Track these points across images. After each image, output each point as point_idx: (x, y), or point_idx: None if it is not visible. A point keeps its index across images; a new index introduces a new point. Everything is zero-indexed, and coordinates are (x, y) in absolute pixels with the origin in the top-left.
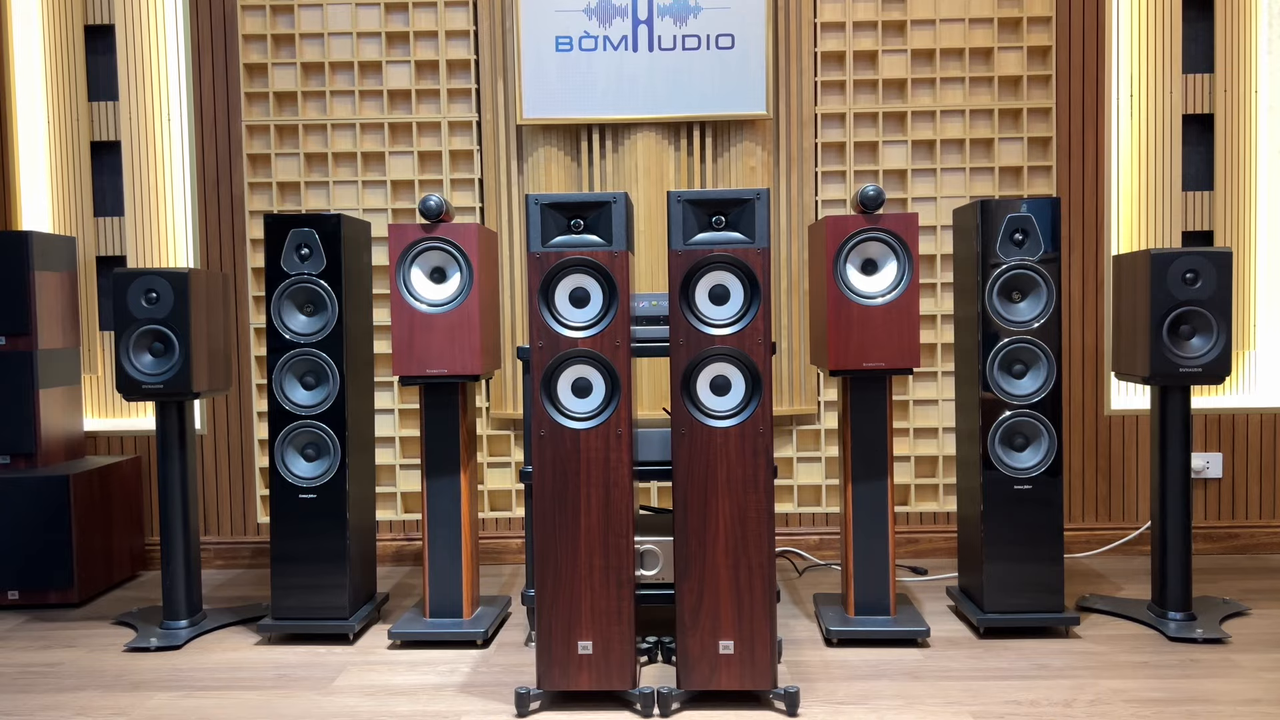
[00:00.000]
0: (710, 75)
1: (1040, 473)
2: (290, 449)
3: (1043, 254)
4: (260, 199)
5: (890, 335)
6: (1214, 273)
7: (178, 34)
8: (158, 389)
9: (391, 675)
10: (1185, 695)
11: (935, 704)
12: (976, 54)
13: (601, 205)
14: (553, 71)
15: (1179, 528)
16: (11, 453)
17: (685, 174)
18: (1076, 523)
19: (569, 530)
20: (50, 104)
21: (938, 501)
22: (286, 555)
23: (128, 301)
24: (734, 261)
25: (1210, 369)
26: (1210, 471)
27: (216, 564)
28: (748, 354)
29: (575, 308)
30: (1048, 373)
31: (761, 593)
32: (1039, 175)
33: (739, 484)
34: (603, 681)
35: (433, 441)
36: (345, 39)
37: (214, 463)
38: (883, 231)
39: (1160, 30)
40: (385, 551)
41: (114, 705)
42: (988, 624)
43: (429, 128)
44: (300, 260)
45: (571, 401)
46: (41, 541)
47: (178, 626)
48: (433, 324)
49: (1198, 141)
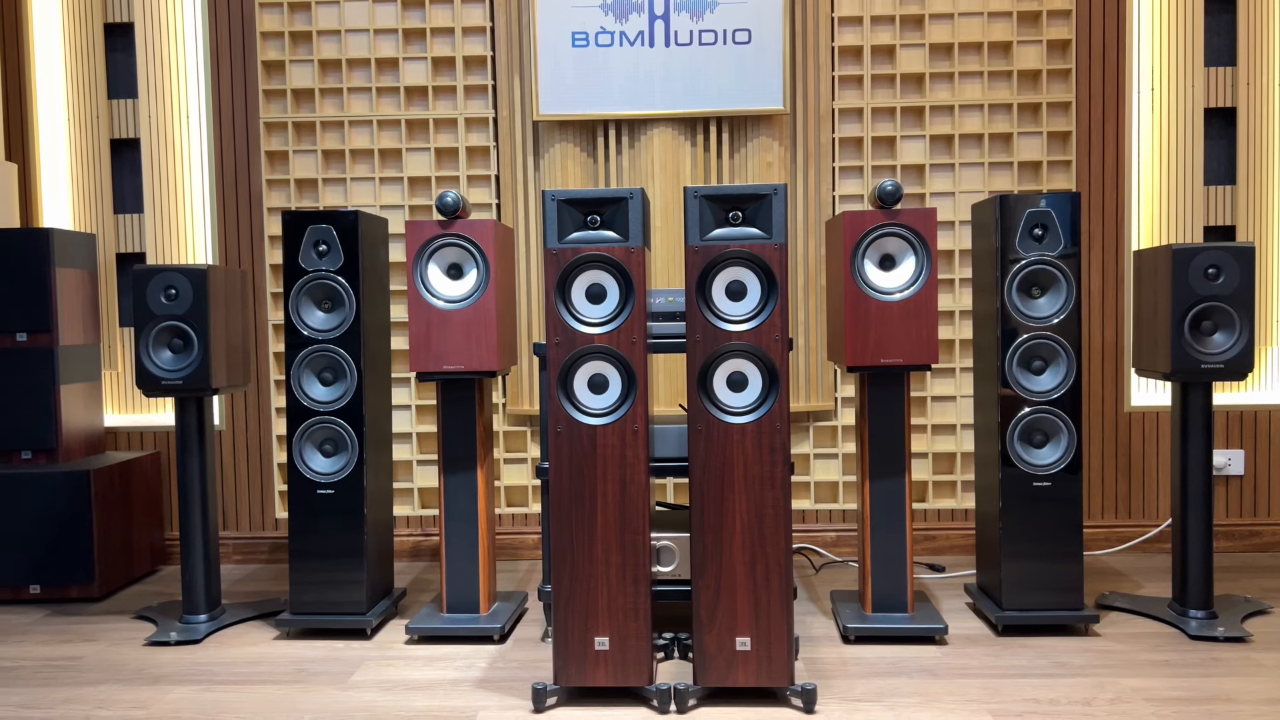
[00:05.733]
0: (727, 70)
1: (1059, 469)
2: (308, 445)
3: (1062, 249)
4: (278, 196)
5: (908, 331)
6: (1236, 268)
7: (196, 32)
8: (177, 385)
9: (409, 670)
10: (1206, 694)
11: (953, 702)
12: (995, 48)
13: (618, 201)
14: (569, 67)
15: (1200, 525)
16: (33, 448)
17: (702, 169)
18: (1096, 520)
19: (585, 526)
20: (70, 102)
21: (956, 498)
22: (305, 551)
23: (147, 298)
24: (751, 257)
25: (1232, 365)
26: (1232, 469)
27: (235, 559)
28: (765, 350)
29: (592, 304)
30: (1067, 369)
31: (778, 589)
32: (1058, 170)
33: (756, 480)
34: (619, 678)
35: (450, 437)
36: (362, 36)
37: (233, 458)
38: (901, 227)
39: (1182, 22)
40: (402, 547)
41: (134, 699)
42: (1006, 621)
43: (446, 124)
44: (318, 257)
45: (588, 398)
46: (62, 536)
47: (197, 621)
48: (450, 320)
49: (1220, 135)
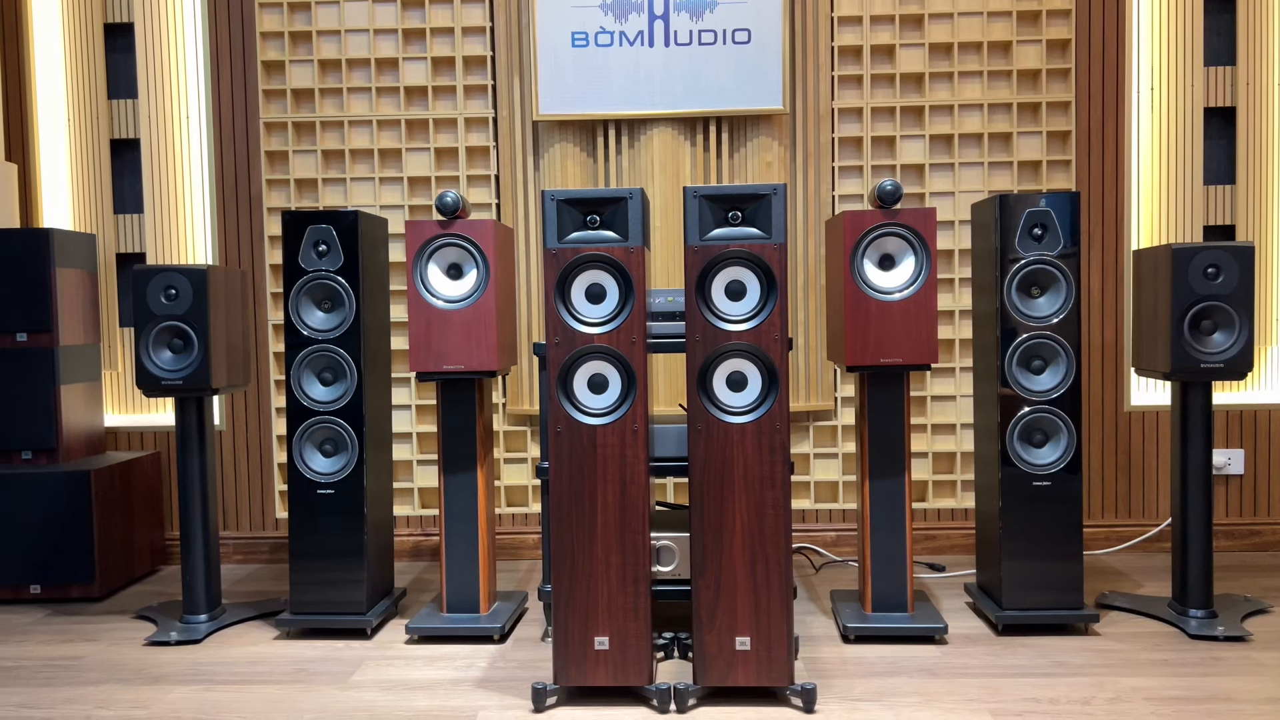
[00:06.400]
0: (726, 70)
1: (1059, 469)
2: (308, 445)
3: (1062, 249)
4: (278, 196)
5: (908, 331)
6: (1236, 267)
7: (196, 32)
8: (177, 385)
9: (409, 670)
10: (1206, 693)
11: (953, 701)
12: (995, 47)
13: (618, 201)
14: (569, 67)
15: (1200, 524)
16: (33, 448)
17: (702, 169)
18: (1096, 519)
19: (585, 526)
20: (70, 102)
21: (956, 498)
22: (305, 550)
23: (147, 298)
24: (750, 257)
25: (1232, 365)
26: (1232, 468)
27: (235, 559)
28: (764, 350)
29: (591, 304)
30: (1067, 368)
31: (778, 589)
32: (1058, 169)
33: (756, 480)
34: (619, 677)
35: (450, 437)
36: (362, 36)
37: (233, 458)
38: (900, 226)
39: (1181, 22)
40: (403, 547)
41: (134, 699)
42: (1006, 621)
43: (445, 124)
44: (318, 257)
45: (588, 397)
46: (63, 536)
47: (197, 621)
48: (449, 320)
49: (1219, 135)
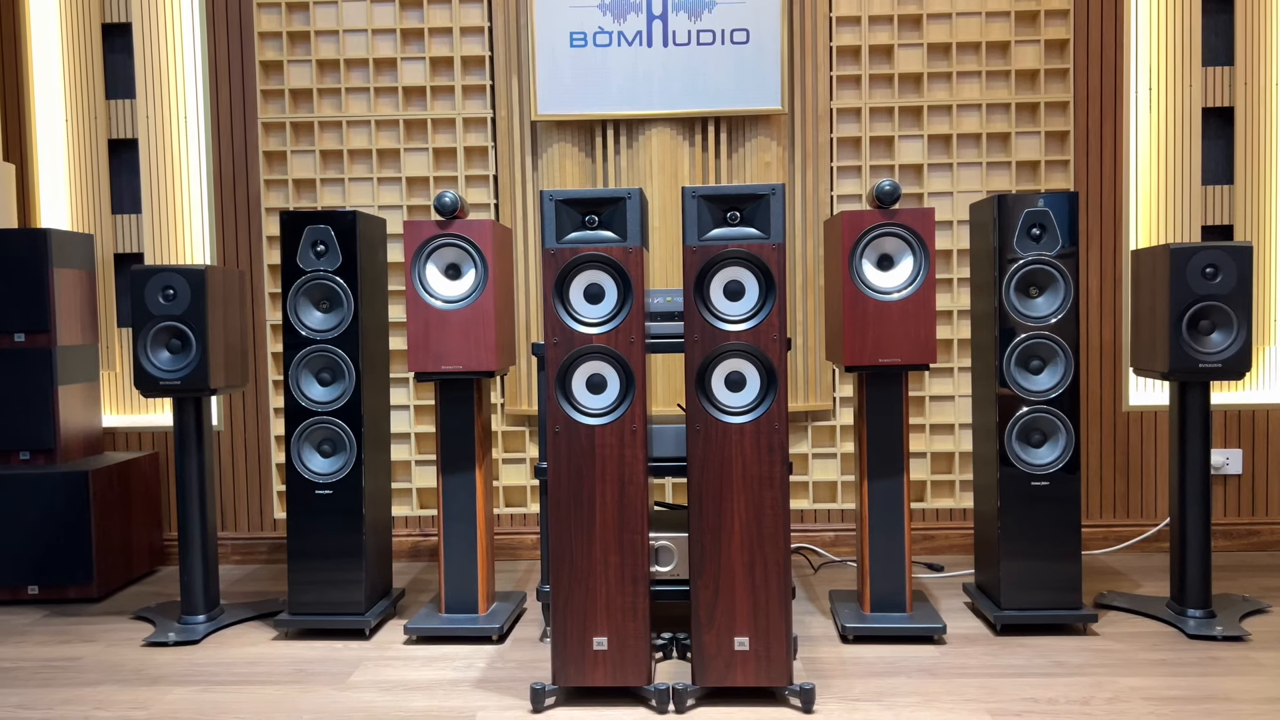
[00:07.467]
0: (725, 70)
1: (1058, 469)
2: (307, 445)
3: (1060, 249)
4: (276, 196)
5: (906, 331)
6: (1234, 267)
7: (194, 32)
8: (175, 385)
9: (407, 670)
10: (1204, 693)
11: (952, 701)
12: (993, 47)
13: (616, 201)
14: (567, 67)
15: (1198, 524)
16: (31, 449)
17: (700, 169)
18: (1094, 519)
19: (584, 526)
20: (68, 102)
21: (954, 498)
22: (303, 551)
23: (145, 298)
24: (749, 257)
25: (1230, 364)
26: (1230, 468)
27: (234, 559)
28: (763, 350)
29: (590, 304)
30: (1065, 368)
31: (777, 589)
32: (1056, 169)
33: (754, 480)
34: (618, 677)
35: (448, 437)
36: (360, 36)
37: (231, 459)
38: (899, 227)
39: (1180, 22)
40: (401, 547)
41: (132, 699)
42: (1005, 621)
43: (444, 124)
44: (316, 257)
45: (586, 398)
46: (61, 537)
47: (195, 621)
48: (448, 320)
49: (1218, 135)
